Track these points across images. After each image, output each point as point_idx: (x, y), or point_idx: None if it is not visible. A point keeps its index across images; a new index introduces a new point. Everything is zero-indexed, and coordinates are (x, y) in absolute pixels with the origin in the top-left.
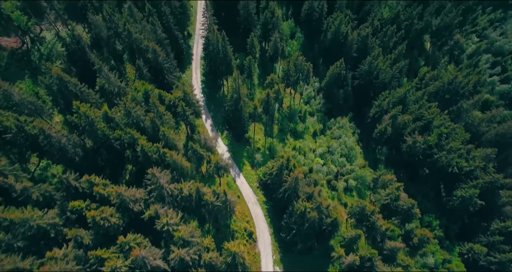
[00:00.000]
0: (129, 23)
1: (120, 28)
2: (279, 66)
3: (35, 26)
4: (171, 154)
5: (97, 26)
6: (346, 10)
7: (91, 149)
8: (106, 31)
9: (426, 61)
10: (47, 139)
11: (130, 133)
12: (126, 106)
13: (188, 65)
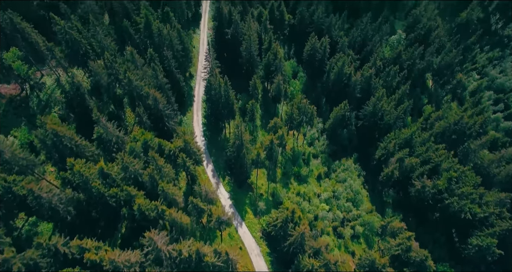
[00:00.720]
0: (129, 71)
1: (121, 75)
2: (281, 108)
3: (35, 72)
4: (170, 213)
5: (97, 73)
6: (348, 50)
7: (85, 205)
8: (107, 78)
9: (429, 99)
10: (36, 200)
11: (127, 190)
12: (124, 162)
13: (189, 107)
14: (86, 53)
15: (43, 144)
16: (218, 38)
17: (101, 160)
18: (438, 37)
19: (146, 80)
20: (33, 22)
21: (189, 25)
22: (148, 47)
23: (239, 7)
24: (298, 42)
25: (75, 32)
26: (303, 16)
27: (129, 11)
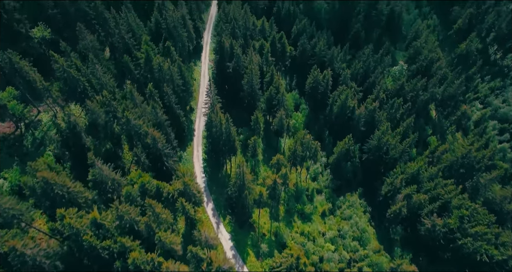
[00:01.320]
0: (128, 110)
1: (119, 114)
2: (284, 142)
3: (32, 109)
4: (167, 266)
5: (95, 112)
6: (351, 82)
7: (75, 257)
8: (104, 117)
9: (433, 130)
10: (19, 258)
11: (121, 242)
12: (119, 211)
13: (189, 141)
14: (85, 90)
15: (32, 191)
16: (219, 71)
17: (94, 208)
18: (440, 68)
19: (145, 118)
20: (34, 58)
21: (190, 58)
22: (149, 82)
23: (240, 40)
24: (300, 74)
25: (73, 70)
26: (305, 48)
27: (130, 46)
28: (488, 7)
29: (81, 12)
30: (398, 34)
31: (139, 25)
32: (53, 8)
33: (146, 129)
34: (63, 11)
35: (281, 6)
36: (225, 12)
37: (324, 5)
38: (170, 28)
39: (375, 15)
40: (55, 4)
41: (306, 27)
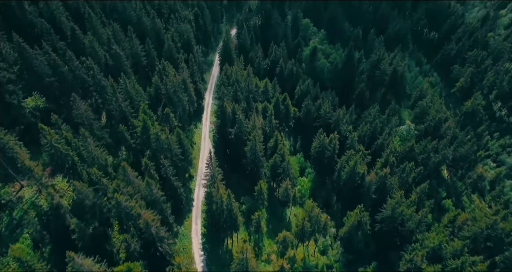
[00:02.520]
0: (118, 191)
1: (110, 193)
2: (290, 211)
3: (14, 184)
4: None
5: (82, 192)
6: (359, 145)
7: None
8: (92, 197)
9: (447, 192)
10: None
11: None
12: None
13: (187, 213)
14: (73, 165)
15: None
16: (220, 136)
17: None
18: (449, 128)
19: (138, 196)
20: (24, 126)
21: (191, 120)
22: (145, 151)
23: (243, 104)
24: (305, 135)
25: (62, 146)
26: (309, 110)
27: (127, 114)
28: (487, 66)
29: (78, 79)
30: (402, 92)
31: (138, 91)
32: (50, 76)
33: (138, 211)
34: (61, 79)
35: (283, 66)
36: (227, 74)
37: (326, 65)
38: (170, 93)
39: (379, 75)
40: (53, 72)
41: (310, 87)
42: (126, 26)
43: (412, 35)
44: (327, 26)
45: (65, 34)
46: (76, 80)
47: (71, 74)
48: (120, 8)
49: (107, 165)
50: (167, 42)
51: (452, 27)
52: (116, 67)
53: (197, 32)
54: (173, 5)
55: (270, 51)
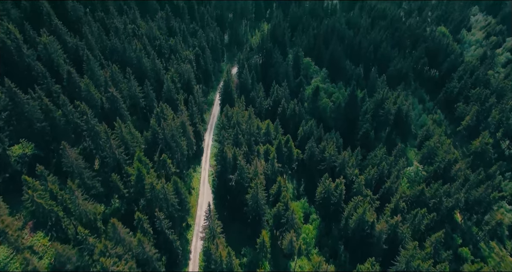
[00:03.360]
0: (104, 256)
1: (95, 256)
2: (295, 265)
3: None
4: None
5: (63, 255)
6: (366, 190)
7: None
8: (76, 260)
9: (462, 238)
10: None
11: None
12: None
13: (184, 268)
14: (58, 221)
15: None
16: (221, 181)
17: None
18: (460, 170)
19: (129, 254)
20: (9, 174)
21: (189, 163)
22: (139, 200)
23: (244, 147)
24: (309, 178)
25: (46, 201)
26: (313, 152)
27: (121, 162)
28: (491, 104)
29: (72, 124)
30: (407, 132)
31: (134, 135)
32: (42, 121)
33: None
34: (53, 124)
35: (285, 106)
36: (227, 116)
37: (329, 104)
38: (167, 138)
39: (383, 115)
40: (45, 117)
41: (313, 128)
42: (126, 67)
43: (413, 72)
44: (329, 65)
45: (62, 77)
46: (69, 125)
47: (64, 119)
48: (120, 49)
49: (96, 219)
50: (166, 83)
51: (452, 65)
52: (112, 111)
53: (198, 72)
54: (174, 46)
55: (271, 91)
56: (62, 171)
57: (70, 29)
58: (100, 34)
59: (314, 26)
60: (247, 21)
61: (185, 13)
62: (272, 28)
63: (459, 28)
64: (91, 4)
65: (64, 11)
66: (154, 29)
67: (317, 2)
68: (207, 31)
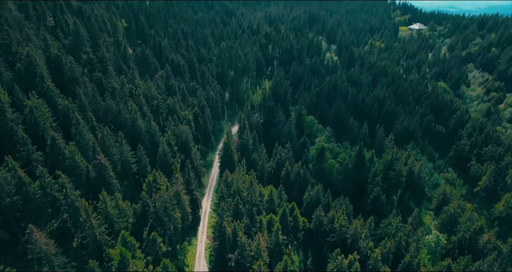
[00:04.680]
0: None
1: None
2: None
3: None
4: None
5: None
6: (384, 266)
7: None
8: None
9: None
10: None
11: None
12: None
13: None
14: None
15: None
16: (220, 258)
17: None
18: (490, 242)
19: None
20: None
21: (184, 235)
22: None
23: (245, 220)
24: (317, 250)
25: None
26: (321, 222)
27: (102, 243)
28: (508, 163)
29: (49, 197)
30: (421, 194)
31: (121, 209)
32: (13, 195)
33: None
34: (26, 197)
35: (289, 169)
36: (227, 183)
37: (335, 165)
38: (159, 212)
39: (394, 177)
40: (18, 190)
41: (320, 194)
42: (120, 129)
43: (420, 129)
44: (333, 123)
45: (45, 143)
46: (46, 198)
47: (40, 192)
48: (115, 110)
49: None
50: (162, 146)
51: (459, 122)
52: (99, 180)
53: (196, 132)
54: (172, 105)
55: (274, 152)
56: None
57: (64, 90)
58: (94, 95)
59: (316, 83)
60: (248, 78)
61: (185, 72)
62: (274, 86)
63: (458, 84)
64: (90, 64)
65: (60, 72)
66: (152, 89)
67: (317, 60)
68: (208, 89)
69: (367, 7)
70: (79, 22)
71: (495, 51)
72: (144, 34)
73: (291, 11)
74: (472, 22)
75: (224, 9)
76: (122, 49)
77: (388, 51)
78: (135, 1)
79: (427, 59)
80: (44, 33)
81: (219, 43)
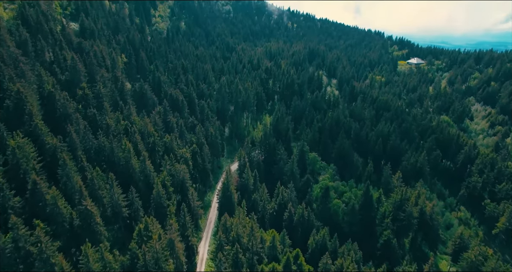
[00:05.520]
0: None
1: None
2: None
3: None
4: None
5: None
6: None
7: None
8: None
9: None
10: None
11: None
12: None
13: None
14: None
15: None
16: None
17: None
18: None
19: None
20: None
21: None
22: None
23: (245, 270)
24: None
25: None
26: (328, 271)
27: None
28: None
29: (22, 251)
30: (435, 236)
31: (106, 262)
32: None
33: None
34: None
35: (292, 212)
36: (226, 227)
37: (341, 206)
38: (149, 266)
39: (405, 218)
40: None
41: (326, 239)
42: (113, 169)
43: (428, 165)
44: (336, 160)
45: (26, 188)
46: (19, 252)
47: (11, 245)
48: (107, 149)
49: None
50: (156, 188)
51: (468, 157)
52: (83, 228)
53: (194, 171)
54: (169, 143)
55: (276, 192)
56: None
57: (56, 128)
58: (86, 132)
59: (318, 118)
60: (248, 113)
61: (184, 107)
62: (275, 121)
63: (461, 118)
64: (85, 100)
65: (53, 109)
66: (149, 125)
67: (319, 94)
68: (207, 126)
69: (365, 43)
70: (77, 58)
71: (495, 85)
72: (143, 69)
73: (291, 46)
74: (469, 57)
75: (225, 44)
76: (120, 84)
77: (389, 85)
78: (136, 37)
79: (428, 93)
80: (39, 68)
81: (219, 78)
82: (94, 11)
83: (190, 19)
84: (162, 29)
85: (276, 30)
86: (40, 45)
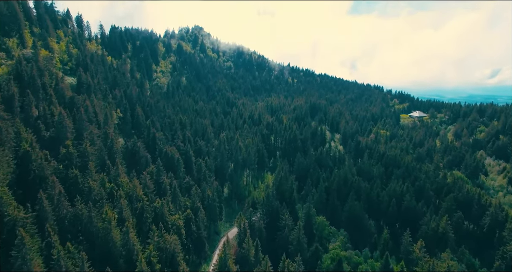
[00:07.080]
0: None
1: None
2: None
3: None
4: None
5: None
6: None
7: None
8: None
9: None
10: None
11: None
12: None
13: None
14: None
15: None
16: None
17: None
18: None
19: None
20: None
21: None
22: None
23: None
24: None
25: None
26: None
27: None
28: None
29: None
30: None
31: None
32: None
33: None
34: None
35: None
36: None
37: None
38: None
39: None
40: None
41: None
42: (91, 242)
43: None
44: (347, 224)
45: None
46: None
47: None
48: (85, 219)
49: None
50: (139, 267)
51: (495, 220)
52: None
53: (187, 241)
54: (160, 209)
55: (281, 266)
56: None
57: (27, 193)
58: (60, 200)
59: (324, 177)
60: (249, 171)
61: (180, 166)
62: (278, 182)
63: (475, 173)
64: (68, 159)
65: (27, 171)
66: (138, 188)
67: (323, 151)
68: (204, 187)
69: (365, 96)
70: (65, 113)
71: (504, 139)
72: (139, 125)
73: (292, 101)
74: (471, 110)
75: (226, 99)
76: (109, 142)
77: (395, 140)
78: (134, 92)
79: (435, 147)
80: (19, 125)
81: (219, 134)
82: (94, 66)
83: (191, 74)
84: (163, 84)
85: (277, 85)
86: (27, 100)
